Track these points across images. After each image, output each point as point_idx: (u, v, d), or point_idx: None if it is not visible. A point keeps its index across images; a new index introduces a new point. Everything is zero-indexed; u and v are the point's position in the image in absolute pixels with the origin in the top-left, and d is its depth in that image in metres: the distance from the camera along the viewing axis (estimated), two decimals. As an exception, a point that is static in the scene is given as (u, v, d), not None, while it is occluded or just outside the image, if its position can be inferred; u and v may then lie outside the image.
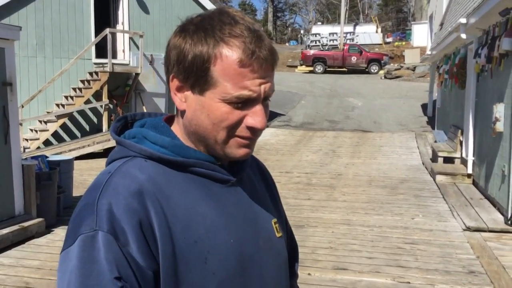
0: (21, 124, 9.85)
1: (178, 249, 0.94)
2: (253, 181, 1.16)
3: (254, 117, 0.97)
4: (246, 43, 0.94)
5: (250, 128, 0.98)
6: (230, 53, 0.94)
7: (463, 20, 8.75)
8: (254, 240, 1.06)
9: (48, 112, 12.44)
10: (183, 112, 1.02)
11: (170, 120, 1.09)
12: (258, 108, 0.98)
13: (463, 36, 8.93)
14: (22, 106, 11.06)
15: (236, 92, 0.95)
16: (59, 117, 12.26)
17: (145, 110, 13.93)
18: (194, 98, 0.99)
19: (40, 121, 12.26)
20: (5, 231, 5.52)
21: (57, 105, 12.60)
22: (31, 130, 12.11)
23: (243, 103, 0.96)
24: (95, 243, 0.89)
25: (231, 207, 1.04)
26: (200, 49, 0.95)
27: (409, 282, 4.63)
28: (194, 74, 0.96)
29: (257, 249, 1.06)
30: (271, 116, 17.59)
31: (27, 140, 11.69)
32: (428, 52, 18.76)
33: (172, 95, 1.03)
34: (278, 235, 1.13)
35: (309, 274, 4.84)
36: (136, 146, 1.01)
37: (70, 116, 12.67)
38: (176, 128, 1.05)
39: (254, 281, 1.04)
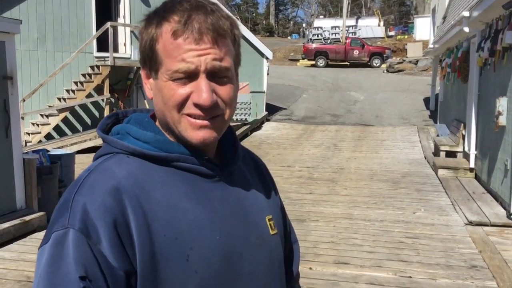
0: (22, 118, 9.85)
1: (158, 246, 0.91)
2: (246, 176, 1.12)
3: (198, 92, 0.94)
4: (183, 16, 0.94)
5: (196, 105, 0.95)
6: (167, 28, 0.94)
7: (466, 13, 8.70)
8: (243, 236, 1.02)
9: (49, 106, 12.42)
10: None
11: None
12: (201, 82, 0.94)
13: (466, 29, 8.88)
14: (24, 100, 11.05)
15: (174, 67, 0.94)
16: (60, 111, 12.24)
17: (146, 104, 13.92)
18: (153, 83, 1.00)
19: (42, 115, 12.25)
20: (6, 225, 5.52)
21: (59, 99, 12.59)
22: (33, 124, 12.10)
23: (188, 78, 0.94)
24: (65, 241, 0.88)
25: (217, 202, 1.01)
26: (148, 32, 0.97)
27: (410, 277, 4.62)
28: (148, 58, 0.98)
29: (247, 246, 1.02)
30: (273, 110, 17.57)
31: (28, 134, 11.68)
32: (431, 45, 18.67)
33: (144, 86, 1.03)
34: (272, 232, 1.09)
35: (310, 268, 4.83)
36: (118, 142, 1.00)
37: (72, 110, 12.66)
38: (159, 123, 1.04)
39: (243, 279, 1.01)
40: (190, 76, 0.94)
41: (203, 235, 0.96)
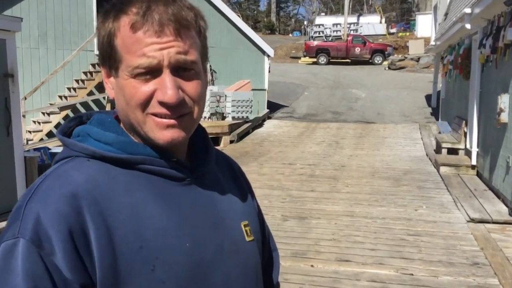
0: (24, 116, 9.85)
1: (120, 257, 0.84)
2: (220, 180, 1.05)
3: (162, 89, 0.87)
4: (142, 7, 0.87)
5: (162, 104, 0.88)
6: (126, 21, 0.88)
7: (467, 10, 8.67)
8: (215, 243, 0.95)
9: (51, 104, 12.42)
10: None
11: None
12: (165, 78, 0.87)
13: (468, 26, 8.85)
14: (25, 98, 11.05)
15: (135, 62, 0.87)
16: (62, 109, 12.24)
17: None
18: (114, 82, 0.93)
19: (43, 113, 12.26)
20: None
21: (60, 97, 12.59)
22: (34, 122, 12.11)
23: (150, 75, 0.87)
24: (14, 252, 0.81)
25: (187, 207, 0.94)
26: (105, 26, 0.90)
27: (412, 274, 4.62)
28: (107, 55, 0.91)
29: (219, 253, 0.95)
30: (275, 107, 17.56)
31: (30, 132, 11.69)
32: (432, 42, 18.63)
33: (104, 85, 0.97)
34: (248, 238, 1.02)
35: (312, 265, 4.83)
36: (77, 144, 0.93)
37: (73, 108, 12.65)
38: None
39: (215, 287, 0.94)
40: (153, 72, 0.87)
41: (171, 243, 0.89)
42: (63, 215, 0.82)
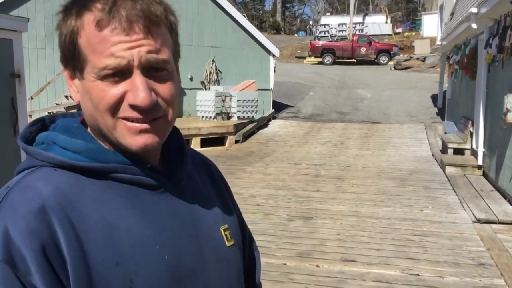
0: (30, 116, 9.89)
1: (96, 273, 0.78)
2: (197, 183, 1.00)
3: (133, 91, 0.81)
4: (107, 2, 0.80)
5: (133, 107, 0.81)
6: (90, 18, 0.80)
7: (474, 10, 8.64)
8: (196, 252, 0.91)
9: (57, 104, 12.48)
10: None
11: None
12: (136, 79, 0.81)
13: (474, 26, 8.82)
14: (31, 98, 11.11)
15: (102, 63, 0.80)
16: (68, 108, 12.28)
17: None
18: (79, 84, 0.86)
19: (49, 113, 12.30)
20: (14, 222, 5.55)
21: (66, 96, 12.64)
22: (41, 121, 12.17)
23: (119, 76, 0.81)
24: None
25: (164, 216, 0.88)
26: (67, 24, 0.83)
27: (418, 274, 4.61)
28: (70, 55, 0.84)
29: (200, 262, 0.91)
30: (280, 107, 17.55)
31: (36, 131, 11.75)
32: (438, 42, 18.57)
33: (68, 88, 0.90)
34: (228, 243, 0.98)
35: (317, 266, 4.82)
36: (42, 153, 0.85)
37: (79, 108, 12.68)
38: None
39: None
40: (122, 73, 0.81)
41: (149, 256, 0.83)
42: (34, 231, 0.76)
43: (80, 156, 0.85)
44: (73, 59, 0.84)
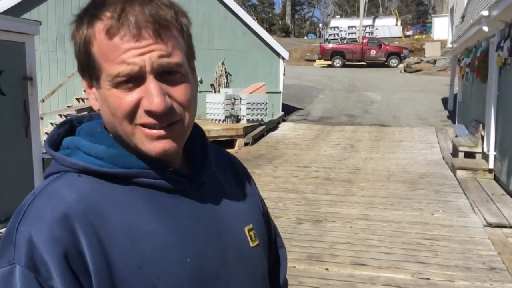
0: (42, 118, 9.97)
1: (118, 278, 0.80)
2: (221, 184, 1.00)
3: (148, 97, 0.81)
4: (116, 9, 0.81)
5: (149, 113, 0.82)
6: (100, 27, 0.82)
7: (485, 13, 8.59)
8: (218, 255, 0.91)
9: (68, 107, 12.57)
10: None
11: None
12: (150, 85, 0.81)
13: (485, 29, 8.77)
14: (43, 101, 11.20)
15: (115, 71, 0.81)
16: (79, 111, 12.36)
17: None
18: (97, 92, 0.87)
19: (61, 115, 12.39)
20: (26, 223, 5.59)
21: (77, 99, 12.73)
22: (52, 124, 12.26)
23: (133, 83, 0.82)
24: (12, 279, 0.77)
25: (187, 219, 0.89)
26: (80, 34, 0.84)
27: (428, 278, 4.58)
28: (85, 64, 0.86)
29: (223, 264, 0.91)
30: (289, 110, 17.55)
31: (47, 134, 11.83)
32: (449, 45, 18.48)
33: (88, 96, 0.92)
34: (253, 244, 0.98)
35: (327, 269, 4.81)
36: (66, 159, 0.87)
37: (90, 110, 12.78)
38: None
39: None
40: (136, 79, 0.81)
41: (171, 259, 0.84)
42: (58, 238, 0.78)
43: (103, 162, 0.86)
44: (88, 68, 0.85)
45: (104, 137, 0.89)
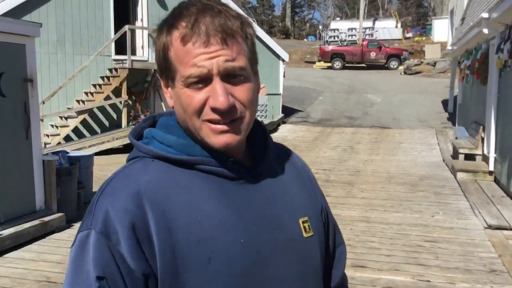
0: (42, 120, 9.97)
1: (179, 250, 0.91)
2: (279, 176, 1.09)
3: (214, 96, 0.94)
4: (190, 20, 0.93)
5: (214, 110, 0.94)
6: (176, 35, 0.95)
7: (485, 15, 8.60)
8: (269, 240, 0.99)
9: (68, 108, 12.57)
10: None
11: None
12: (216, 85, 0.93)
13: (485, 31, 8.78)
14: (43, 102, 11.20)
15: (187, 72, 0.94)
16: (79, 113, 12.38)
17: (163, 107, 14.00)
18: (172, 92, 1.00)
19: (61, 117, 12.40)
20: (26, 225, 5.59)
21: (78, 101, 12.73)
22: (52, 126, 12.26)
23: (202, 83, 0.94)
24: (87, 242, 0.91)
25: (243, 205, 0.99)
26: (160, 41, 0.98)
27: (429, 281, 4.58)
28: (164, 67, 0.99)
29: (274, 250, 0.99)
30: (289, 112, 17.55)
31: (48, 135, 11.83)
32: (449, 47, 18.50)
33: (164, 95, 1.05)
34: (306, 235, 1.06)
35: (327, 271, 4.80)
36: (144, 147, 1.02)
37: (90, 112, 12.79)
38: None
39: (270, 284, 0.98)
40: (205, 80, 0.94)
41: (226, 238, 0.95)
42: (128, 211, 0.91)
43: (173, 150, 1.00)
44: (166, 70, 0.98)
45: (176, 130, 1.03)
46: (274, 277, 0.99)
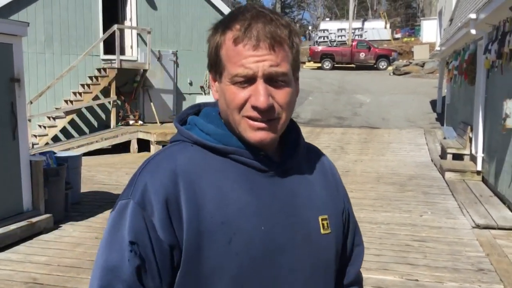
0: (29, 120, 9.89)
1: (204, 227, 1.00)
2: (305, 174, 1.17)
3: (255, 95, 1.02)
4: (244, 24, 1.02)
5: (254, 108, 1.02)
6: (230, 36, 1.03)
7: (473, 16, 8.67)
8: (288, 231, 1.07)
9: (56, 108, 12.48)
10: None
11: None
12: (259, 86, 1.02)
13: (473, 31, 8.85)
14: (31, 102, 11.11)
15: (234, 71, 1.02)
16: (67, 113, 12.30)
17: (152, 107, 13.94)
18: (218, 86, 1.09)
19: (49, 117, 12.31)
20: (13, 226, 5.54)
21: (66, 101, 12.64)
22: (40, 126, 12.16)
23: (247, 83, 1.02)
24: (126, 210, 1.02)
25: (267, 196, 1.07)
26: (214, 39, 1.07)
27: (417, 280, 4.60)
28: (214, 62, 1.08)
29: (291, 241, 1.07)
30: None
31: (35, 136, 11.74)
32: (437, 48, 18.62)
33: (211, 87, 1.14)
34: (324, 231, 1.13)
35: (316, 271, 4.81)
36: (185, 132, 1.12)
37: (79, 112, 12.71)
38: None
39: (283, 272, 1.06)
40: (249, 80, 1.02)
41: (248, 223, 1.03)
42: (164, 186, 1.01)
43: (210, 137, 1.09)
44: (215, 65, 1.07)
45: (216, 120, 1.12)
46: (287, 266, 1.06)
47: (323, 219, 1.14)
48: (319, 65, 30.78)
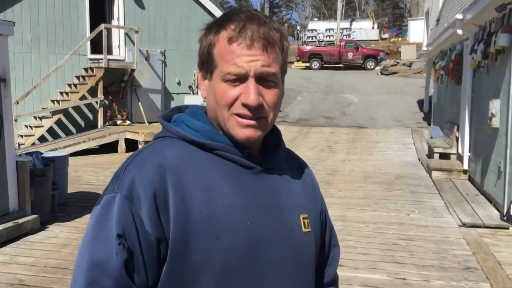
0: (15, 120, 9.80)
1: (192, 221, 1.02)
2: (287, 175, 1.20)
3: (246, 93, 1.05)
4: (239, 25, 1.06)
5: (244, 105, 1.06)
6: (224, 35, 1.07)
7: (459, 16, 8.74)
8: (273, 228, 1.10)
9: (43, 108, 12.37)
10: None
11: None
12: (250, 84, 1.05)
13: (459, 32, 8.92)
14: (17, 102, 11.00)
15: (227, 69, 1.05)
16: (54, 113, 12.20)
17: (140, 106, 13.88)
18: (208, 84, 1.13)
19: (35, 117, 12.20)
20: (-1, 228, 5.48)
21: (52, 101, 12.54)
22: (26, 126, 12.05)
23: (238, 81, 1.06)
24: (112, 203, 1.03)
25: (252, 192, 1.10)
26: (207, 38, 1.11)
27: (404, 278, 4.63)
28: (205, 61, 1.11)
29: (275, 237, 1.10)
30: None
31: (21, 136, 11.63)
32: (424, 48, 18.74)
33: (199, 86, 1.17)
34: (305, 230, 1.16)
35: (304, 270, 4.82)
36: (172, 127, 1.14)
37: (65, 112, 12.61)
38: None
39: (267, 267, 1.08)
40: (241, 79, 1.06)
41: (235, 218, 1.05)
42: (152, 180, 1.02)
43: (197, 133, 1.12)
44: (207, 64, 1.11)
45: (202, 117, 1.16)
46: (271, 261, 1.09)
47: (304, 218, 1.17)
48: (308, 65, 30.84)
